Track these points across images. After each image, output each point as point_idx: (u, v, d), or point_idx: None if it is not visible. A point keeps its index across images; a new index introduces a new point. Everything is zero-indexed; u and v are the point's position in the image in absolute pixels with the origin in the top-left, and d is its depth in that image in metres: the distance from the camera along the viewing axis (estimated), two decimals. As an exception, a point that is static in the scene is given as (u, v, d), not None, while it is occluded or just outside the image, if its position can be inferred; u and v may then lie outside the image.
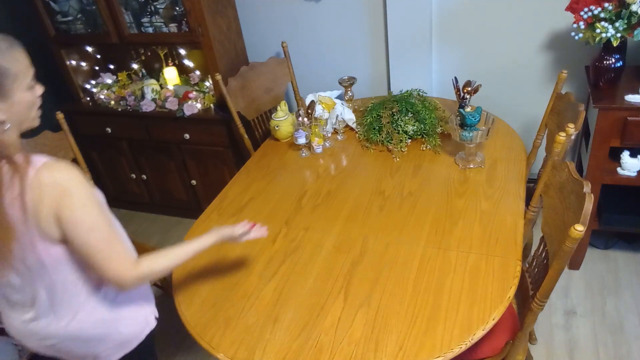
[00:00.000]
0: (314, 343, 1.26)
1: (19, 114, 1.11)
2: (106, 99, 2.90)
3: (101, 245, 1.14)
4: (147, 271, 1.19)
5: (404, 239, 1.56)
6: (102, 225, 1.14)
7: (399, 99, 2.09)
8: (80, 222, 1.11)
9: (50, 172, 1.09)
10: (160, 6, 2.55)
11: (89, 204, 1.13)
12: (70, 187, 1.10)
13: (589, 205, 1.19)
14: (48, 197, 1.07)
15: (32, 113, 1.17)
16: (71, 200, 1.09)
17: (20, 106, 1.11)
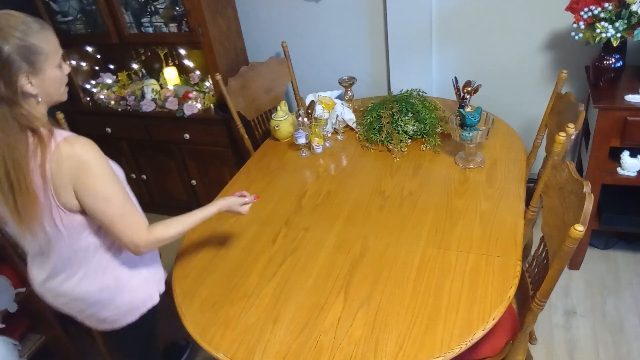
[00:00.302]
0: (314, 343, 1.26)
1: (49, 89, 1.21)
2: (106, 99, 2.90)
3: (117, 215, 1.25)
4: (160, 237, 1.32)
5: (404, 239, 1.56)
6: (118, 195, 1.25)
7: (399, 99, 2.09)
8: (98, 192, 1.22)
9: (70, 146, 1.18)
10: (160, 6, 2.55)
11: (105, 176, 1.23)
12: (88, 160, 1.19)
13: (589, 205, 1.19)
14: (67, 168, 1.17)
15: (60, 89, 1.26)
16: (89, 173, 1.19)
17: (50, 82, 1.21)
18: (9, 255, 1.90)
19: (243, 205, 1.53)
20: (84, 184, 1.20)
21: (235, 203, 1.52)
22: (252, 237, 1.67)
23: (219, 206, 1.48)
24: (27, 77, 1.15)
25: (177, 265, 1.61)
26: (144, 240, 1.29)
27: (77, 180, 1.19)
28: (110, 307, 1.41)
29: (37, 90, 1.18)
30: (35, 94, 1.18)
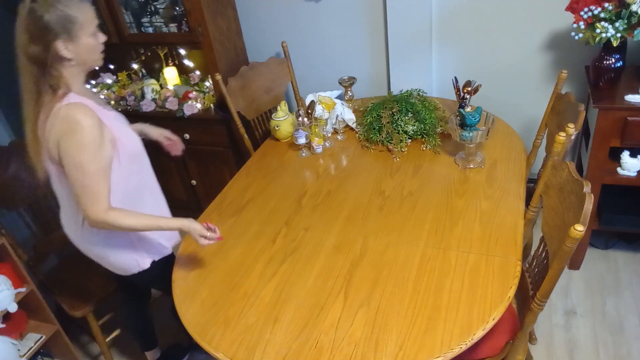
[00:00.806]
0: (314, 343, 1.26)
1: (83, 54, 1.37)
2: (106, 99, 2.90)
3: (82, 184, 1.35)
4: (113, 221, 1.39)
5: (404, 239, 1.56)
6: (90, 167, 1.34)
7: (399, 99, 2.09)
8: (73, 158, 1.33)
9: (68, 109, 1.32)
10: (160, 6, 2.55)
11: (85, 146, 1.32)
12: (76, 126, 1.31)
13: (589, 205, 1.19)
14: (59, 127, 1.32)
15: (94, 55, 1.42)
16: (72, 138, 1.32)
17: (84, 48, 1.36)
18: (9, 255, 1.90)
19: (202, 238, 1.48)
20: (65, 145, 1.33)
21: (196, 231, 1.47)
22: (252, 237, 1.67)
23: (182, 225, 1.48)
24: (64, 43, 1.31)
25: (177, 265, 1.61)
26: (97, 217, 1.37)
27: (61, 141, 1.33)
28: (104, 263, 1.62)
29: (72, 55, 1.34)
30: (70, 58, 1.34)
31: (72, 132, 1.31)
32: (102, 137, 1.37)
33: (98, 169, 1.36)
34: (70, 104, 1.33)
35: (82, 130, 1.31)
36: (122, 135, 1.47)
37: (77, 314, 1.97)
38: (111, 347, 2.27)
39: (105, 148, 1.39)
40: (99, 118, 1.37)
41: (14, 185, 2.05)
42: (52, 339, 2.11)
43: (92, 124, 1.33)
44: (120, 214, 1.40)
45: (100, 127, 1.36)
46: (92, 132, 1.33)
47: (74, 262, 2.25)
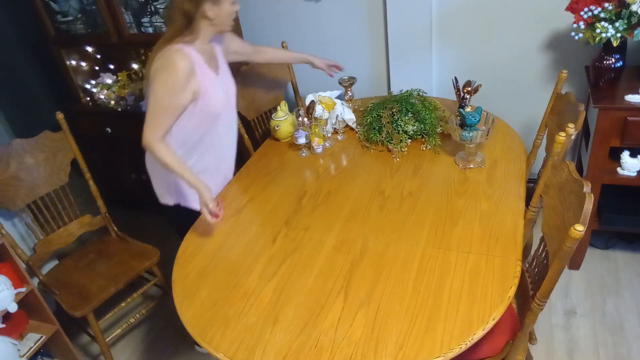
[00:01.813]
0: (314, 343, 1.26)
1: (221, 17, 1.68)
2: (106, 99, 2.90)
3: (151, 108, 1.64)
4: (155, 150, 1.66)
5: (404, 239, 1.56)
6: (163, 100, 1.63)
7: (399, 99, 2.09)
8: (154, 86, 1.62)
9: (168, 52, 1.63)
10: (160, 6, 2.55)
11: (168, 83, 1.61)
12: (170, 65, 1.60)
13: (589, 205, 1.19)
14: (158, 62, 1.63)
15: (228, 20, 1.71)
16: (163, 72, 1.61)
17: (224, 12, 1.67)
18: (9, 255, 1.90)
19: (204, 207, 1.68)
20: (155, 77, 1.63)
21: (203, 198, 1.67)
22: (252, 237, 1.67)
23: (198, 186, 1.67)
24: (211, 5, 1.62)
25: (177, 265, 1.61)
26: (148, 140, 1.67)
27: (155, 73, 1.63)
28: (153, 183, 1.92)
29: (213, 16, 1.65)
30: (211, 18, 1.65)
31: (164, 68, 1.61)
32: (186, 84, 1.63)
33: (169, 105, 1.63)
34: (172, 48, 1.62)
35: (173, 70, 1.60)
36: (209, 95, 1.72)
37: (77, 314, 1.97)
38: (111, 347, 2.27)
39: (185, 94, 1.65)
40: (193, 68, 1.64)
41: (14, 185, 2.05)
42: (52, 339, 2.11)
43: (183, 69, 1.60)
44: (163, 149, 1.66)
45: (189, 75, 1.63)
46: (180, 75, 1.60)
47: (74, 262, 2.25)
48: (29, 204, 2.12)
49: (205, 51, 1.74)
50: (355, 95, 2.44)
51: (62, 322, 2.12)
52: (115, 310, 2.23)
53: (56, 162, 2.18)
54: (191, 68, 1.63)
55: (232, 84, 1.92)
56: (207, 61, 1.74)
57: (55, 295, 2.07)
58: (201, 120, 1.75)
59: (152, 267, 2.25)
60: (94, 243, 2.36)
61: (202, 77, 1.69)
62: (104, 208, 2.35)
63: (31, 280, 1.97)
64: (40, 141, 2.13)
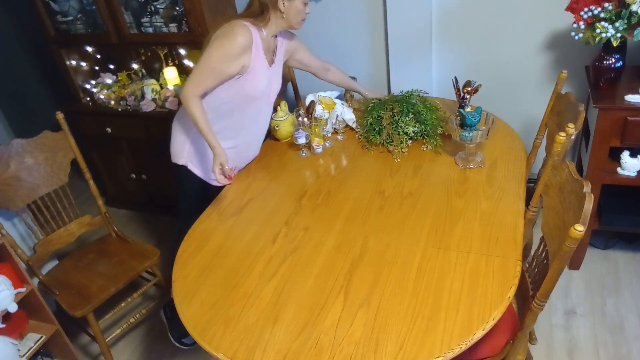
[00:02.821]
0: (314, 343, 1.26)
1: (291, 13, 1.79)
2: (106, 99, 2.90)
3: (198, 66, 1.75)
4: (189, 103, 1.76)
5: (404, 239, 1.56)
6: (212, 63, 1.74)
7: (400, 99, 2.09)
8: (208, 47, 1.75)
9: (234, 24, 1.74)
10: (160, 6, 2.55)
11: (223, 48, 1.73)
12: (231, 35, 1.72)
13: (589, 205, 1.19)
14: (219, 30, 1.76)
15: (298, 18, 1.82)
16: (221, 38, 1.74)
17: (294, 8, 1.78)
18: (9, 255, 1.90)
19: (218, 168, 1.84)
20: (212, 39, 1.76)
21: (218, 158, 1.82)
22: (252, 237, 1.67)
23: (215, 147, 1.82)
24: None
25: (177, 265, 1.61)
26: (186, 93, 1.75)
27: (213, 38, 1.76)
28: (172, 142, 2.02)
29: (284, 9, 1.77)
30: (282, 11, 1.77)
31: (224, 35, 1.73)
32: (239, 56, 1.74)
33: (215, 68, 1.74)
34: (241, 23, 1.74)
35: (232, 38, 1.71)
36: (253, 76, 1.81)
37: (77, 314, 1.97)
38: (111, 347, 2.27)
39: (235, 64, 1.75)
40: (250, 44, 1.75)
41: (14, 185, 2.05)
42: (52, 339, 2.11)
43: (241, 42, 1.72)
44: (197, 104, 1.77)
45: (245, 49, 1.74)
46: (236, 47, 1.71)
47: (74, 262, 2.25)
48: (29, 204, 2.12)
49: (267, 41, 1.85)
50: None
51: (62, 322, 2.12)
52: (115, 310, 2.22)
53: (56, 162, 2.18)
54: (249, 43, 1.74)
55: (279, 81, 2.02)
56: (265, 49, 1.84)
57: (55, 295, 2.07)
58: (236, 96, 1.84)
59: (152, 267, 2.24)
60: (94, 243, 2.36)
61: (256, 57, 1.79)
62: (104, 208, 2.35)
63: (31, 280, 1.97)
64: (40, 141, 2.13)
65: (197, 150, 1.98)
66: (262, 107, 1.98)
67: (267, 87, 1.92)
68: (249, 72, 1.80)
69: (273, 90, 1.99)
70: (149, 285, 2.34)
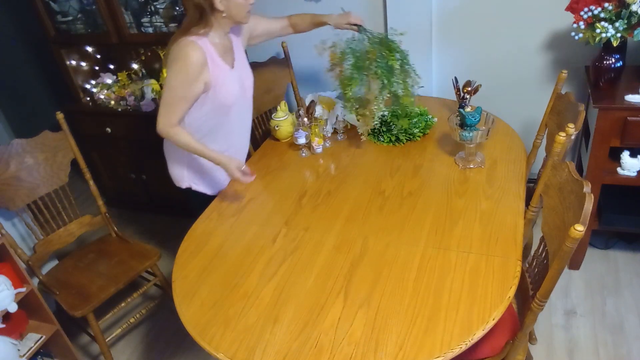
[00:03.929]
0: (314, 343, 1.26)
1: (232, 10, 1.69)
2: (106, 99, 2.90)
3: (165, 98, 1.72)
4: (172, 135, 1.76)
5: (404, 239, 1.56)
6: (177, 91, 1.70)
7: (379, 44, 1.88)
8: (168, 76, 1.70)
9: (182, 44, 1.67)
10: (160, 6, 2.55)
11: (181, 73, 1.67)
12: (178, 59, 1.67)
13: (589, 205, 1.19)
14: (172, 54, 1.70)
15: (241, 13, 1.72)
16: (176, 63, 1.68)
17: (233, 5, 1.68)
18: (9, 255, 1.90)
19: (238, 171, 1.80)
20: (169, 68, 1.70)
21: (235, 166, 1.79)
22: (252, 237, 1.67)
23: (221, 160, 1.80)
24: None
25: (177, 265, 1.61)
26: (163, 127, 1.74)
27: (169, 64, 1.70)
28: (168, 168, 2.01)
29: (223, 8, 1.67)
30: (221, 10, 1.67)
31: (177, 59, 1.67)
32: (198, 75, 1.69)
33: (182, 95, 1.70)
34: (187, 40, 1.66)
35: (185, 61, 1.65)
36: (221, 87, 1.76)
37: (77, 314, 1.97)
38: (111, 347, 2.27)
39: (197, 85, 1.71)
40: (205, 59, 1.68)
41: (14, 185, 2.05)
42: (52, 339, 2.11)
43: (196, 60, 1.66)
44: (179, 132, 1.76)
45: (202, 66, 1.68)
46: (192, 66, 1.66)
47: (74, 262, 2.25)
48: (29, 204, 2.12)
49: (220, 44, 1.78)
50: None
51: (62, 322, 2.12)
52: (115, 310, 2.23)
53: (56, 162, 2.18)
54: (203, 59, 1.68)
55: (250, 75, 1.98)
56: (221, 54, 1.78)
57: (55, 295, 2.07)
58: (213, 110, 1.81)
59: (152, 267, 2.24)
60: (94, 243, 2.36)
61: (214, 69, 1.73)
62: (104, 208, 2.35)
63: (31, 280, 1.97)
64: (40, 141, 2.13)
65: (196, 170, 1.97)
66: (243, 106, 1.96)
67: (240, 90, 1.88)
68: (214, 85, 1.75)
69: (247, 86, 1.96)
70: (149, 285, 2.34)
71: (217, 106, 1.81)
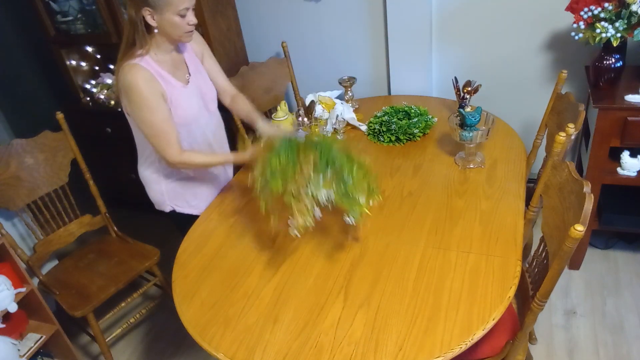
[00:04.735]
0: (314, 343, 1.26)
1: (166, 28, 1.57)
2: (106, 99, 2.90)
3: (152, 135, 1.62)
4: (187, 160, 1.69)
5: (403, 239, 1.56)
6: (154, 120, 1.59)
7: (318, 145, 1.46)
8: (135, 114, 1.60)
9: (123, 72, 1.56)
10: (160, 6, 2.55)
11: (143, 104, 1.56)
12: (129, 90, 1.55)
13: (589, 205, 1.19)
14: (120, 84, 1.58)
15: (177, 32, 1.60)
16: (130, 97, 1.57)
17: (167, 23, 1.56)
18: (9, 255, 1.90)
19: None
20: (127, 103, 1.59)
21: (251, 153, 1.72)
22: (252, 237, 1.67)
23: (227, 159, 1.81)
24: (150, 12, 1.52)
25: (177, 265, 1.61)
26: (174, 159, 1.65)
27: (123, 98, 1.60)
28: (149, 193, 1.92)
29: (155, 24, 1.55)
30: (154, 26, 1.56)
31: (129, 92, 1.56)
32: (155, 93, 1.58)
33: (161, 119, 1.60)
34: (125, 66, 1.56)
35: (137, 90, 1.55)
36: (176, 106, 1.66)
37: (77, 314, 1.97)
38: (111, 347, 2.27)
39: (161, 103, 1.60)
40: (151, 75, 1.57)
41: (14, 185, 2.05)
42: (52, 339, 2.11)
43: (144, 83, 1.55)
44: (192, 154, 1.71)
45: (152, 84, 1.57)
46: (146, 90, 1.55)
47: (74, 262, 2.25)
48: (29, 204, 2.12)
49: (168, 60, 1.67)
50: (355, 95, 2.44)
51: (62, 322, 2.12)
52: (115, 310, 2.23)
53: (56, 162, 2.18)
54: (148, 76, 1.56)
55: (211, 88, 1.85)
56: (170, 71, 1.66)
57: (55, 295, 2.07)
58: (178, 125, 1.68)
59: (152, 267, 2.24)
60: (94, 243, 2.36)
61: (166, 86, 1.63)
62: (104, 208, 2.35)
63: (31, 280, 1.97)
64: (40, 141, 2.13)
65: (176, 193, 1.88)
66: (208, 122, 1.85)
67: (199, 104, 1.77)
68: (170, 102, 1.64)
69: (209, 99, 1.84)
70: (149, 285, 2.34)
71: (178, 121, 1.68)
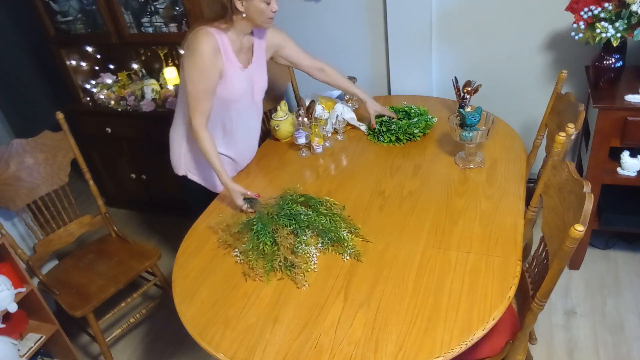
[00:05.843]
0: (314, 343, 1.26)
1: (251, 13, 1.70)
2: (106, 99, 2.90)
3: (192, 95, 1.72)
4: (199, 137, 1.76)
5: (404, 238, 1.56)
6: (199, 84, 1.70)
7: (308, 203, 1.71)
8: (186, 72, 1.72)
9: (196, 34, 1.69)
10: (160, 6, 2.55)
11: (198, 67, 1.69)
12: (195, 51, 1.68)
13: (589, 205, 1.19)
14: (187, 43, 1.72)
15: (261, 17, 1.72)
16: (190, 56, 1.70)
17: (253, 8, 1.69)
18: (9, 255, 1.90)
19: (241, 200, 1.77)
20: (187, 60, 1.71)
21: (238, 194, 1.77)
22: (252, 237, 1.67)
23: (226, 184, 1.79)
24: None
25: (177, 265, 1.61)
26: (196, 126, 1.74)
27: (184, 55, 1.73)
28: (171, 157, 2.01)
29: (243, 9, 1.68)
30: (241, 11, 1.69)
31: (194, 52, 1.68)
32: (213, 64, 1.70)
33: (205, 88, 1.71)
34: (204, 30, 1.68)
35: (200, 54, 1.67)
36: (227, 80, 1.77)
37: (77, 314, 1.97)
38: (111, 347, 2.27)
39: (214, 73, 1.72)
40: (218, 47, 1.69)
41: (14, 185, 2.05)
42: (52, 339, 2.11)
43: (209, 51, 1.67)
44: (207, 139, 1.76)
45: (214, 54, 1.69)
46: (207, 57, 1.68)
47: (74, 262, 2.25)
48: (29, 204, 2.12)
49: (238, 41, 1.79)
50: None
51: (62, 322, 2.12)
52: (115, 310, 2.23)
53: (56, 162, 2.18)
54: (216, 47, 1.69)
55: (264, 79, 1.96)
56: (236, 51, 1.79)
57: (55, 295, 2.07)
58: (216, 103, 1.80)
59: (152, 267, 2.24)
60: (94, 243, 2.36)
61: (226, 61, 1.75)
62: (104, 208, 2.35)
63: (31, 280, 1.97)
64: (40, 141, 2.13)
65: (193, 159, 1.98)
66: (248, 109, 1.94)
67: (245, 89, 1.87)
68: (224, 75, 1.76)
69: (258, 90, 1.94)
70: (149, 285, 2.34)
71: (219, 100, 1.80)
